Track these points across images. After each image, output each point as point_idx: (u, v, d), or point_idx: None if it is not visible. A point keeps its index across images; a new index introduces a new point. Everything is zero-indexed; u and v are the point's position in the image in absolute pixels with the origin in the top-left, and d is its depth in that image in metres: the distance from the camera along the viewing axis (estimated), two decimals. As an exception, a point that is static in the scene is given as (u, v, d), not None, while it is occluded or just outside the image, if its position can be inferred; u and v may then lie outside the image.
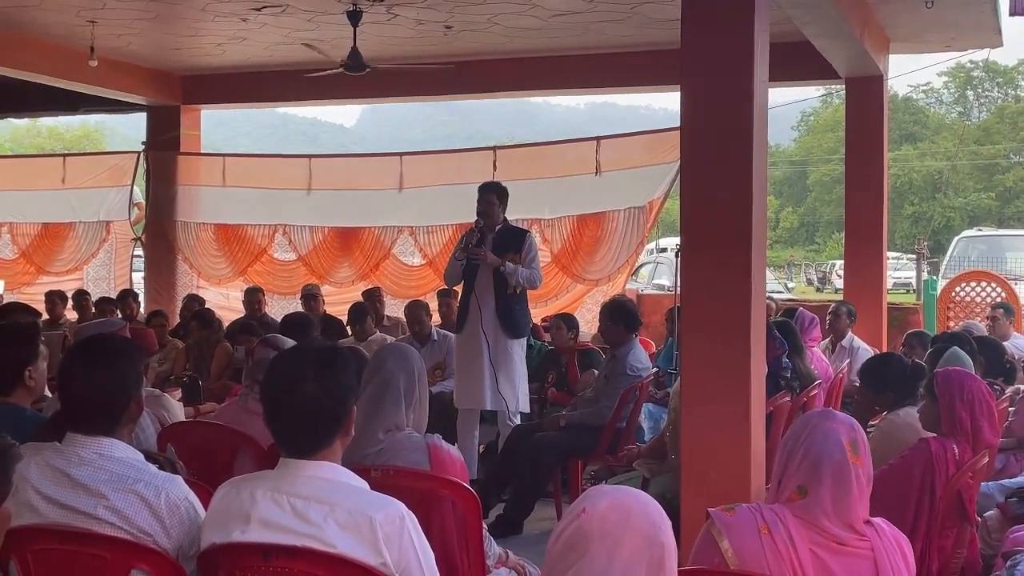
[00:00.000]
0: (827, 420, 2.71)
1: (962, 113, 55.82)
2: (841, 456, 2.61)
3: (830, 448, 2.62)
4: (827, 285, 36.09)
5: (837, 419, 2.72)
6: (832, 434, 2.65)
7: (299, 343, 3.58)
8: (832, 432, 2.65)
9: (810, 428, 2.70)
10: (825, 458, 2.61)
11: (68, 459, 2.65)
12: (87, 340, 2.89)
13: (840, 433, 2.65)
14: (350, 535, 2.45)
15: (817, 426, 2.69)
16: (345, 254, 11.87)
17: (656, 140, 10.43)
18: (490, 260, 6.81)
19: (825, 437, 2.64)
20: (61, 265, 13.13)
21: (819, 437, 2.65)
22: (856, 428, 2.71)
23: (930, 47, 9.88)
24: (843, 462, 2.61)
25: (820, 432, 2.66)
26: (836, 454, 2.61)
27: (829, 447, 2.63)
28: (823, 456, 2.62)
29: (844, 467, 2.60)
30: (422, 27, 9.34)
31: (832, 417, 2.73)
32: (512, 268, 6.85)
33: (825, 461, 2.61)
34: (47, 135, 53.00)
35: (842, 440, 2.64)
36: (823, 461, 2.61)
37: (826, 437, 2.64)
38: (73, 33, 9.70)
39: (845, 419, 2.73)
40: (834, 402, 6.88)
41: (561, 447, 6.35)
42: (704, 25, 4.84)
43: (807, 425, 2.72)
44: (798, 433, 2.72)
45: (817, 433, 2.67)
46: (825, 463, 2.61)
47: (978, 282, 11.18)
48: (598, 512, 1.97)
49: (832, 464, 2.61)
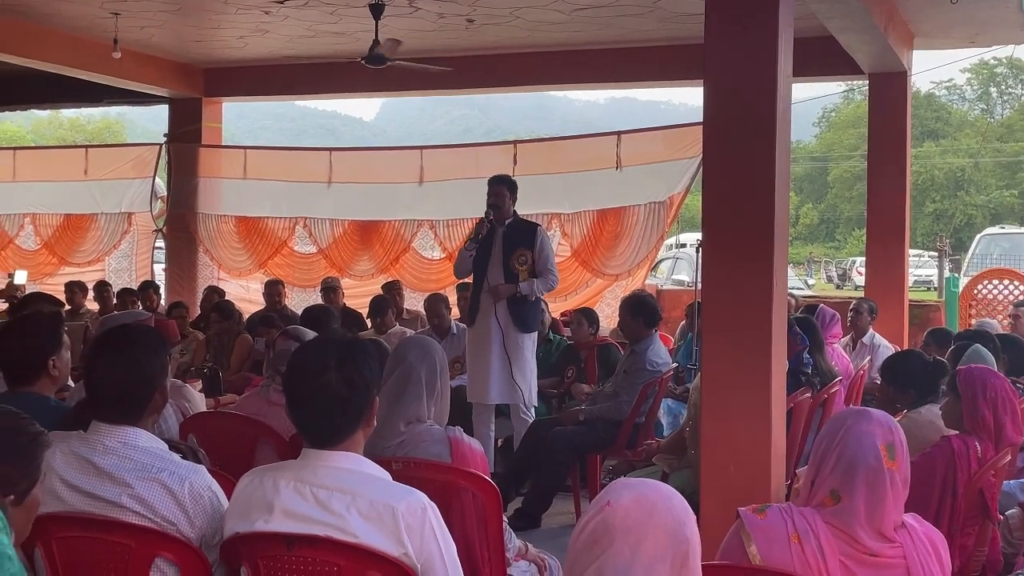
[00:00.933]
0: (863, 422, 2.60)
1: (985, 110, 55.45)
2: (876, 461, 2.52)
3: (864, 453, 2.53)
4: (847, 282, 35.95)
5: (874, 420, 2.60)
6: (867, 437, 2.55)
7: (321, 334, 3.59)
8: (867, 435, 2.56)
9: (845, 430, 2.59)
10: (859, 464, 2.52)
11: (93, 448, 2.66)
12: (114, 330, 2.91)
13: (876, 436, 2.56)
14: (372, 525, 2.46)
15: (852, 428, 2.59)
16: (365, 247, 11.90)
17: (677, 135, 10.41)
18: (504, 292, 6.81)
19: (860, 441, 2.55)
20: (83, 256, 13.21)
21: (853, 440, 2.56)
22: (894, 429, 2.60)
23: (954, 43, 9.82)
24: (878, 468, 2.52)
25: (855, 435, 2.57)
26: (871, 459, 2.53)
27: (864, 452, 2.54)
28: (857, 461, 2.53)
29: (879, 473, 2.52)
30: (444, 20, 9.34)
31: (868, 418, 2.62)
32: (527, 287, 6.85)
33: (859, 467, 2.52)
34: (68, 127, 53.33)
35: (877, 444, 2.54)
36: (857, 467, 2.52)
37: (860, 440, 2.55)
38: (96, 25, 9.75)
39: (883, 420, 2.62)
40: (855, 399, 6.85)
41: (580, 441, 6.35)
42: (728, 19, 4.82)
43: (842, 426, 2.62)
44: (833, 434, 2.62)
45: (852, 435, 2.57)
46: (859, 469, 2.52)
47: (1000, 280, 11.12)
48: (622, 506, 1.96)
49: (867, 470, 2.52)
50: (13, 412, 2.31)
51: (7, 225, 13.73)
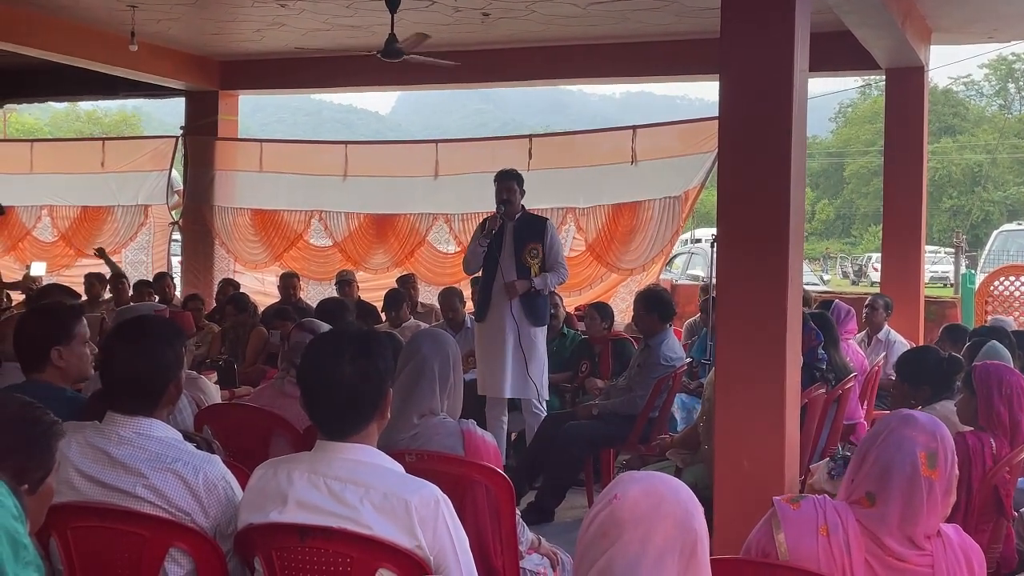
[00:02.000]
0: (906, 427, 2.54)
1: (1003, 106, 55.11)
2: (912, 469, 2.47)
3: (901, 459, 2.49)
4: (863, 278, 35.82)
5: (918, 426, 2.54)
6: (907, 443, 2.50)
7: (336, 327, 3.60)
8: (907, 441, 2.50)
9: (887, 432, 2.55)
10: (895, 470, 2.48)
11: (108, 438, 2.68)
12: (130, 321, 2.92)
13: (916, 443, 2.50)
14: (386, 517, 2.46)
15: (894, 431, 2.54)
16: (380, 241, 11.92)
17: (692, 130, 10.38)
18: (520, 288, 6.82)
19: (899, 446, 2.50)
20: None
21: (894, 444, 2.51)
22: (938, 437, 2.53)
23: (973, 38, 9.75)
24: (914, 476, 2.47)
25: (895, 439, 2.52)
26: (907, 467, 2.48)
27: (901, 458, 2.49)
28: (892, 467, 2.49)
29: (915, 481, 2.46)
30: (460, 14, 9.34)
31: (912, 424, 2.55)
32: (540, 282, 6.86)
33: (895, 473, 2.48)
34: (86, 119, 53.51)
35: (917, 451, 2.49)
36: (892, 473, 2.49)
37: (901, 445, 2.50)
38: (114, 18, 9.79)
39: (928, 426, 2.54)
40: (869, 395, 6.84)
41: (593, 436, 6.35)
42: (744, 14, 4.80)
43: (885, 428, 2.57)
44: (876, 435, 2.57)
45: (892, 440, 2.52)
46: (895, 475, 2.48)
47: (1017, 276, 11.07)
48: (630, 498, 1.97)
49: (901, 477, 2.48)
50: (28, 402, 2.32)
51: (24, 217, 13.80)
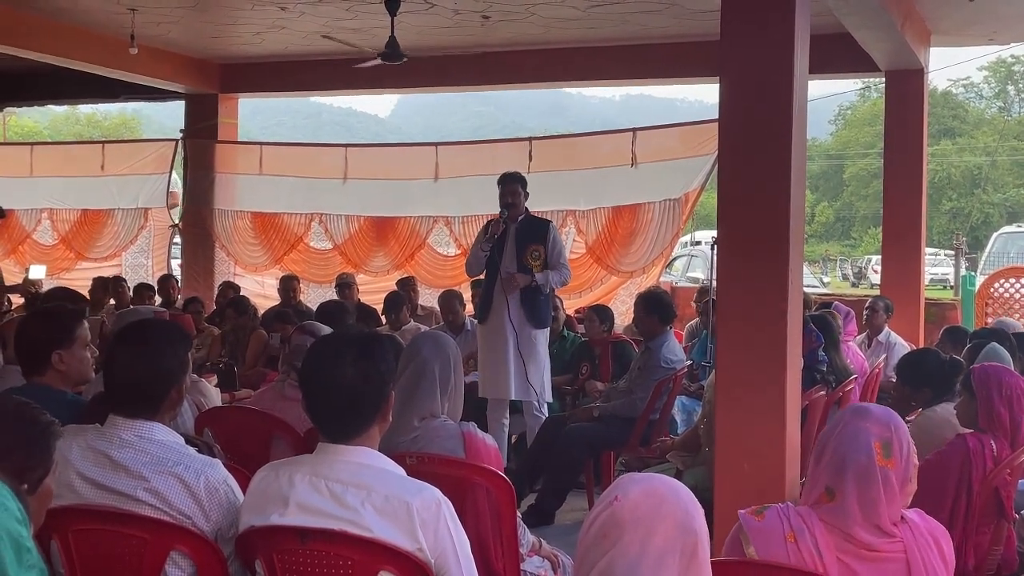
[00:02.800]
0: (859, 418, 2.59)
1: (1002, 108, 55.11)
2: (867, 459, 2.51)
3: (856, 450, 2.53)
4: (863, 280, 35.83)
5: (871, 417, 2.58)
6: (862, 434, 2.54)
7: (337, 329, 3.61)
8: (862, 432, 2.54)
9: (841, 426, 2.59)
10: (850, 460, 2.52)
11: (110, 441, 2.68)
12: (134, 324, 2.92)
13: (871, 434, 2.54)
14: (387, 520, 2.46)
15: (848, 424, 2.58)
16: (380, 243, 11.92)
17: (692, 132, 10.39)
18: (521, 281, 6.82)
19: (854, 437, 2.54)
20: (100, 251, 13.28)
21: (848, 436, 2.56)
22: (892, 427, 2.57)
23: (972, 40, 9.77)
24: (869, 465, 2.50)
25: (850, 431, 2.56)
26: (862, 457, 2.52)
27: (855, 449, 2.53)
28: (848, 458, 2.52)
29: (870, 470, 2.50)
30: (459, 17, 9.35)
31: (866, 415, 2.59)
32: (543, 278, 6.86)
33: (850, 463, 2.52)
34: (85, 122, 53.49)
35: (871, 442, 2.53)
36: (848, 463, 2.52)
37: (855, 437, 2.54)
38: (113, 21, 9.79)
39: (881, 417, 2.59)
40: (870, 397, 6.84)
41: (594, 438, 6.35)
42: (744, 16, 4.81)
43: (840, 422, 2.62)
44: (830, 430, 2.62)
45: (847, 432, 2.57)
46: (850, 465, 2.52)
47: (1017, 278, 11.06)
48: (630, 500, 1.97)
49: (856, 467, 2.51)
50: (24, 402, 2.33)
51: (25, 220, 13.81)
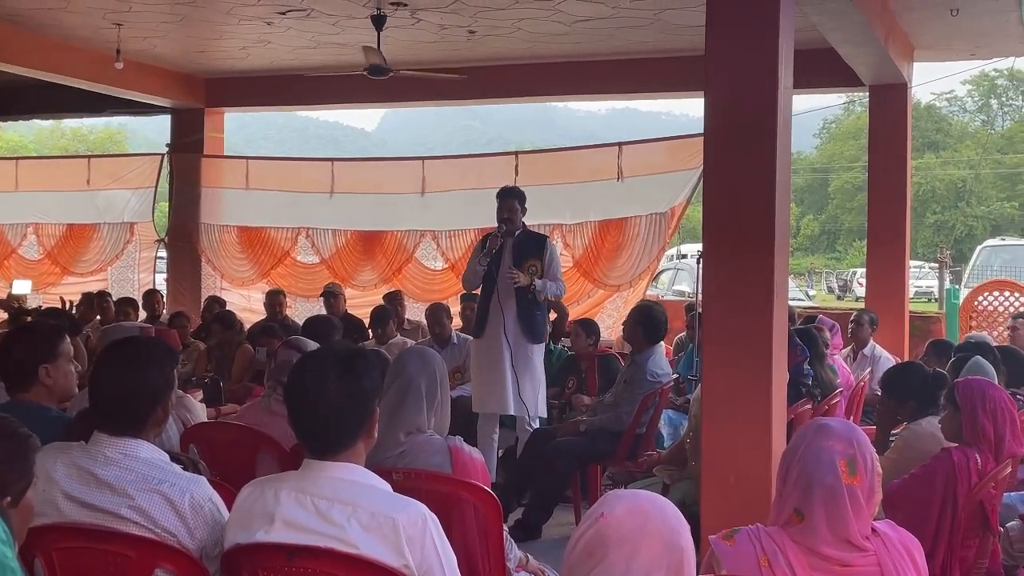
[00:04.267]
0: (821, 437, 2.55)
1: (985, 122, 55.48)
2: (834, 479, 2.49)
3: (822, 471, 2.51)
4: (848, 293, 35.98)
5: (833, 435, 2.55)
6: (826, 454, 2.52)
7: (323, 345, 3.60)
8: (826, 451, 2.52)
9: (804, 446, 2.57)
10: (816, 482, 2.50)
11: (94, 459, 2.67)
12: (121, 341, 2.91)
13: (835, 452, 2.52)
14: (373, 536, 2.46)
15: (811, 444, 2.56)
16: (368, 257, 11.92)
17: (678, 146, 10.42)
18: (523, 282, 6.82)
19: (817, 457, 2.52)
20: (85, 266, 13.24)
21: (812, 457, 2.53)
22: (855, 443, 2.55)
23: (955, 55, 9.84)
24: (835, 485, 2.49)
25: (813, 451, 2.54)
26: (828, 477, 2.50)
27: (821, 469, 2.51)
28: (814, 479, 2.50)
29: (836, 490, 2.49)
30: (445, 32, 9.37)
31: (827, 433, 2.56)
32: (542, 284, 6.87)
33: (816, 485, 2.50)
34: (71, 136, 53.40)
35: (836, 460, 2.51)
36: (814, 485, 2.50)
37: (818, 457, 2.52)
38: (99, 36, 9.79)
39: (843, 433, 2.56)
40: (855, 410, 6.86)
41: (580, 452, 6.34)
42: (729, 31, 4.84)
43: (802, 441, 2.59)
44: (793, 450, 2.60)
45: (810, 452, 2.54)
46: (816, 487, 2.50)
47: (1001, 291, 11.13)
48: (616, 517, 1.97)
49: (823, 488, 2.49)
50: (1, 416, 2.33)
51: (10, 235, 13.77)
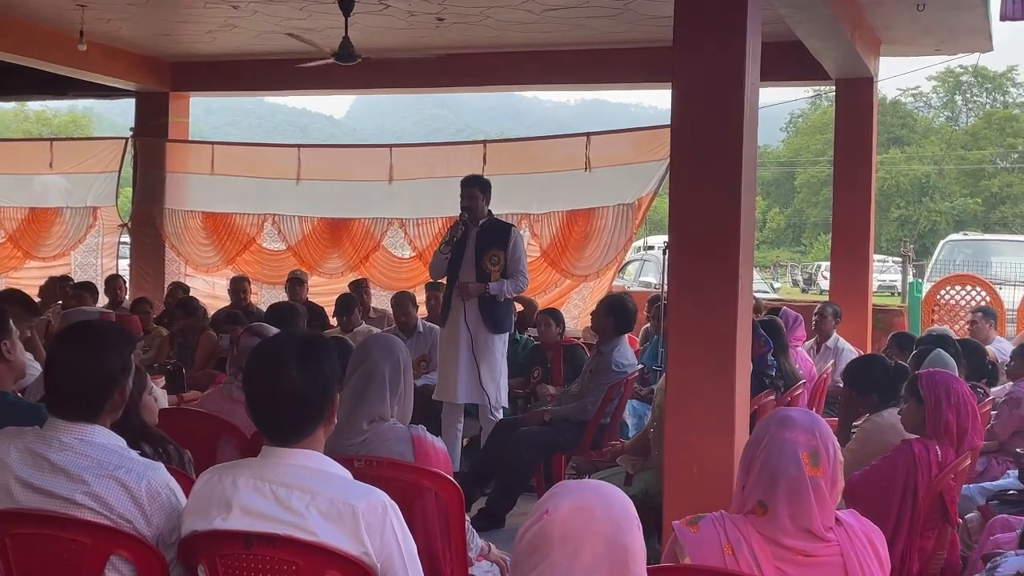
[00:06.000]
0: (785, 429, 2.59)
1: (950, 118, 56.05)
2: (797, 471, 2.52)
3: (786, 463, 2.53)
4: (813, 286, 36.23)
5: (796, 427, 2.58)
6: (789, 446, 2.55)
7: (282, 331, 3.57)
8: (789, 443, 2.55)
9: (768, 438, 2.59)
10: (781, 475, 2.52)
11: (49, 444, 2.62)
12: (77, 325, 2.85)
13: (798, 444, 2.55)
14: (332, 524, 2.44)
15: (774, 436, 2.58)
16: (335, 245, 11.84)
17: (646, 137, 10.43)
18: (473, 290, 6.81)
19: (781, 450, 2.55)
20: (48, 250, 13.06)
21: (776, 449, 2.56)
22: (818, 434, 2.58)
23: (921, 50, 9.90)
24: (799, 477, 2.52)
25: (776, 444, 2.56)
26: (792, 469, 2.52)
27: (785, 462, 2.53)
28: (779, 472, 2.53)
29: (800, 482, 2.51)
30: (414, 18, 9.32)
31: (790, 426, 2.59)
32: (496, 287, 6.85)
33: (780, 478, 2.52)
34: (35, 120, 52.76)
35: (799, 452, 2.54)
36: (779, 478, 2.52)
37: (782, 450, 2.55)
38: (62, 17, 9.64)
39: (805, 425, 2.60)
40: (818, 402, 6.90)
41: (545, 442, 6.35)
42: (696, 23, 4.83)
43: (765, 433, 2.61)
44: (757, 441, 2.62)
45: (774, 444, 2.57)
46: (780, 481, 2.52)
47: (963, 286, 11.25)
48: (560, 515, 1.96)
49: (788, 480, 2.52)
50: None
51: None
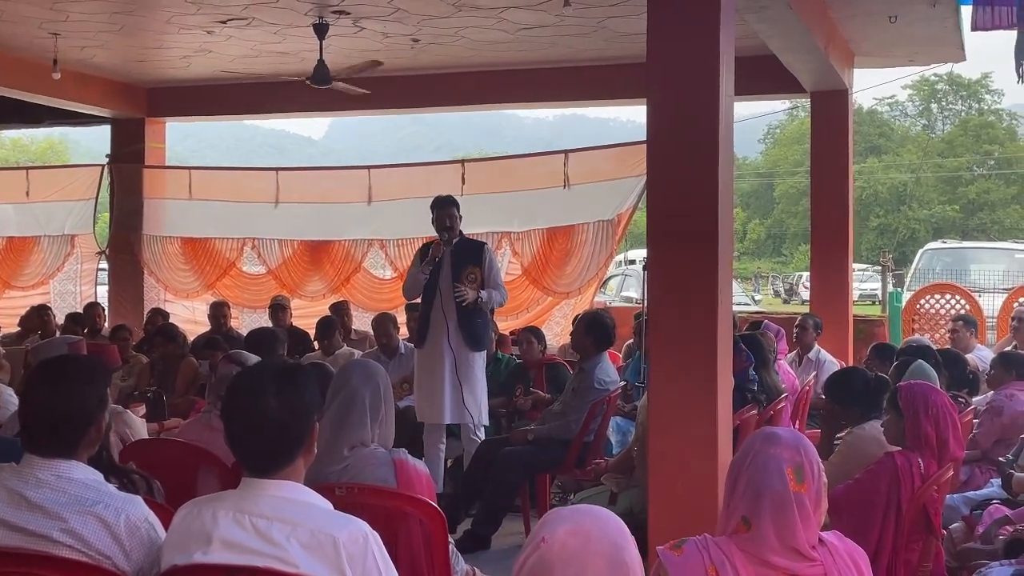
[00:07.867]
0: (770, 445, 2.57)
1: (926, 126, 56.42)
2: (783, 487, 2.50)
3: (771, 479, 2.52)
4: (794, 296, 36.35)
5: (781, 443, 2.57)
6: (773, 461, 2.53)
7: (262, 360, 3.55)
8: (774, 459, 2.54)
9: (752, 454, 2.58)
10: (766, 490, 2.51)
11: (25, 480, 2.59)
12: (52, 361, 2.82)
13: (783, 460, 2.54)
14: (313, 555, 2.41)
15: (759, 452, 2.57)
16: (315, 267, 11.81)
17: (624, 153, 10.45)
18: (471, 297, 6.81)
19: (766, 465, 2.54)
20: (27, 279, 13.00)
21: (760, 465, 2.54)
22: (802, 451, 2.57)
23: (894, 61, 9.98)
24: (784, 493, 2.50)
25: (762, 459, 2.55)
26: (777, 485, 2.51)
27: (770, 478, 2.52)
28: (764, 488, 2.51)
29: (785, 498, 2.50)
30: (389, 40, 9.32)
31: (776, 441, 2.58)
32: (487, 295, 6.87)
33: (765, 493, 2.51)
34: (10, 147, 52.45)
35: (784, 468, 2.52)
36: (764, 493, 2.51)
37: (767, 465, 2.53)
38: (35, 45, 9.61)
39: (790, 441, 2.59)
40: (801, 415, 6.91)
41: (529, 461, 6.32)
42: (670, 39, 4.85)
43: (750, 450, 2.60)
44: (742, 458, 2.61)
45: (759, 460, 2.55)
46: (765, 496, 2.51)
47: (943, 294, 11.30)
48: (557, 540, 1.95)
49: (773, 496, 2.50)
50: None
51: (-51, 248, 13.46)
